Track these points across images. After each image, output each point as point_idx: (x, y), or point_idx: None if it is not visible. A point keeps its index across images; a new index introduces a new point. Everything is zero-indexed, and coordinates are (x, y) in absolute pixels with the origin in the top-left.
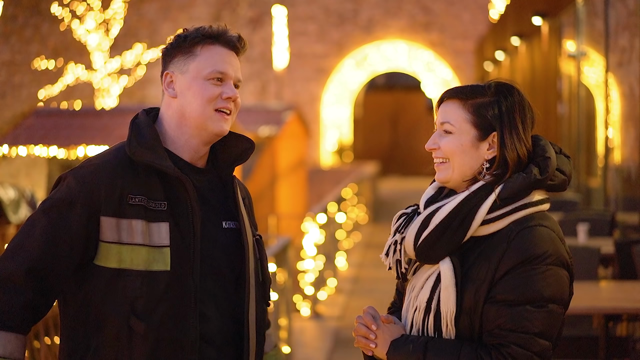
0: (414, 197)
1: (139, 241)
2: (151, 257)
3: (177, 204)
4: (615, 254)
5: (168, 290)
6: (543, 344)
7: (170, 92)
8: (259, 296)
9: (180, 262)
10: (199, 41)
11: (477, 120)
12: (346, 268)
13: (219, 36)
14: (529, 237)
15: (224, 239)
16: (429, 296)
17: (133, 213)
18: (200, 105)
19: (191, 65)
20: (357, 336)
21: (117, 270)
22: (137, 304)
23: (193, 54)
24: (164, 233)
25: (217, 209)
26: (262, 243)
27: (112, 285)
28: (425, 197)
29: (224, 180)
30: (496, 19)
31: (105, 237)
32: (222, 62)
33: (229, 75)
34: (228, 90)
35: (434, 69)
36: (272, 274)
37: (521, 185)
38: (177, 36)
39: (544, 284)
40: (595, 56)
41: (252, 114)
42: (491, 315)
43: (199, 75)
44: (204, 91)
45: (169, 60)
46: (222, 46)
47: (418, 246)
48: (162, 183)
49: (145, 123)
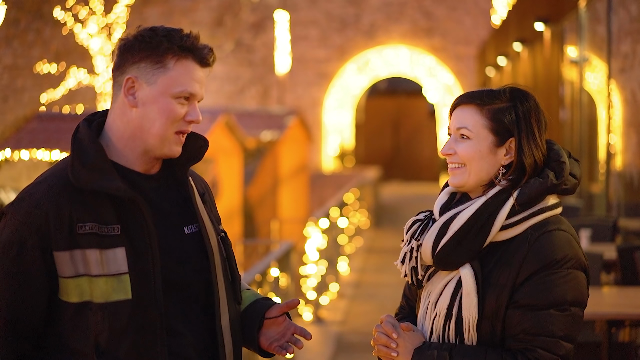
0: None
1: (95, 272)
2: (110, 287)
3: (132, 226)
4: (618, 260)
5: (131, 320)
6: (567, 347)
7: (130, 99)
8: (230, 297)
9: (141, 288)
10: (173, 52)
11: (494, 126)
12: (348, 273)
13: (194, 50)
14: (549, 241)
15: (187, 247)
16: (449, 302)
17: (85, 243)
18: (163, 124)
19: (160, 78)
20: (377, 345)
21: (79, 304)
22: (100, 339)
23: (164, 66)
24: (121, 259)
25: (176, 215)
26: (227, 240)
27: (76, 320)
28: (439, 203)
29: (180, 181)
30: (498, 24)
31: (62, 272)
32: (194, 81)
33: (196, 96)
34: (193, 113)
35: (436, 74)
36: (274, 278)
37: (538, 190)
38: (143, 35)
39: (566, 288)
40: (597, 62)
41: (254, 119)
42: (515, 320)
43: (167, 92)
44: (170, 111)
45: (131, 61)
46: (196, 62)
47: (437, 253)
48: (112, 205)
49: (88, 138)
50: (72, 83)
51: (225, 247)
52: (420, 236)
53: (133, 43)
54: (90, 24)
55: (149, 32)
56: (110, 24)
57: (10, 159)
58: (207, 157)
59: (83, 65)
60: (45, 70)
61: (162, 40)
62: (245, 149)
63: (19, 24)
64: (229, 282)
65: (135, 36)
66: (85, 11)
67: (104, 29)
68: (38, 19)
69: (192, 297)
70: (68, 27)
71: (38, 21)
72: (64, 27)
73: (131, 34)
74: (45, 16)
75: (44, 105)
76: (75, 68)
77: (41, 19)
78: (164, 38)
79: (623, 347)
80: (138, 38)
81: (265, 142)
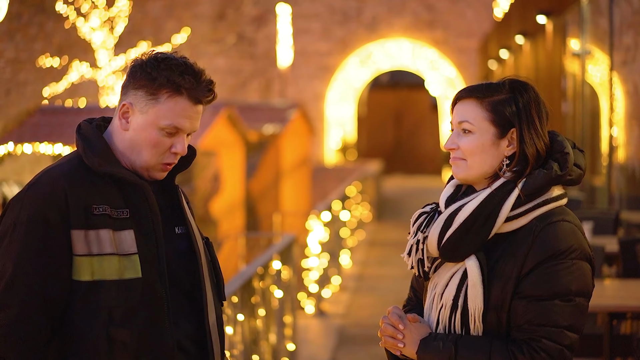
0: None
1: (108, 251)
2: (122, 266)
3: (138, 211)
4: (620, 253)
5: (143, 297)
6: (572, 337)
7: (123, 123)
8: (215, 298)
9: (149, 268)
10: (167, 88)
11: (495, 117)
12: (350, 266)
13: (190, 90)
14: (554, 232)
15: (179, 245)
16: (455, 294)
17: (100, 223)
18: (149, 153)
19: (151, 110)
20: (383, 336)
21: (91, 282)
22: (115, 314)
23: (156, 98)
24: (130, 240)
25: (169, 214)
26: (210, 244)
27: (87, 297)
28: (444, 195)
29: (167, 188)
30: (500, 17)
31: (76, 250)
32: (182, 117)
33: (184, 130)
34: (178, 146)
35: (438, 67)
36: (276, 271)
37: (543, 181)
38: (147, 64)
39: (570, 278)
40: (599, 55)
41: (256, 112)
42: (520, 311)
43: (155, 123)
44: (155, 141)
45: (132, 87)
46: (189, 100)
47: (443, 245)
48: (120, 191)
49: (93, 134)
50: (75, 76)
51: (210, 250)
52: (427, 228)
53: (137, 70)
54: (93, 18)
55: (153, 63)
56: (112, 18)
57: (13, 152)
58: (209, 151)
59: (85, 58)
60: (47, 63)
61: (162, 75)
62: (247, 142)
63: (22, 18)
64: (214, 283)
65: (142, 64)
66: (87, 5)
67: (106, 23)
68: (40, 12)
69: (185, 291)
70: (70, 21)
71: (40, 15)
72: (67, 20)
73: (142, 58)
74: (47, 10)
75: (46, 98)
76: (78, 62)
77: (43, 13)
78: (164, 73)
79: (624, 339)
80: (143, 66)
81: (267, 135)
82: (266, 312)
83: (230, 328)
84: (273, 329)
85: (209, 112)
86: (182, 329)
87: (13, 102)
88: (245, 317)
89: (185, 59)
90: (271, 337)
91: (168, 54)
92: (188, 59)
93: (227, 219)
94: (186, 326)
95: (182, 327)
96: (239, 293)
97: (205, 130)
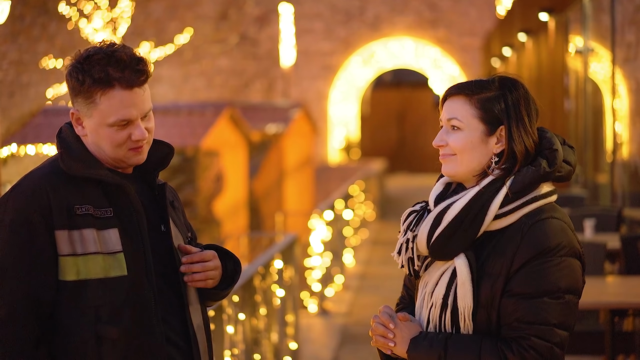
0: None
1: (93, 250)
2: (108, 264)
3: (122, 210)
4: (622, 250)
5: (129, 295)
6: (562, 334)
7: (80, 129)
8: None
9: (134, 266)
10: (97, 87)
11: (484, 115)
12: (353, 265)
13: (118, 79)
14: (542, 229)
15: (164, 242)
16: (444, 292)
17: (83, 223)
18: (112, 149)
19: (94, 112)
20: (374, 336)
21: (76, 282)
22: (102, 312)
23: (93, 100)
24: (115, 239)
25: (154, 213)
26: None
27: (74, 297)
28: (434, 193)
29: (150, 185)
30: (503, 15)
31: (61, 250)
32: (124, 108)
33: (133, 118)
34: (136, 132)
35: (441, 66)
36: (278, 270)
37: (531, 178)
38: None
39: (559, 276)
40: (602, 52)
41: (259, 112)
42: (509, 309)
43: (103, 123)
44: (111, 138)
45: (71, 95)
46: (122, 89)
47: (432, 244)
48: (103, 191)
49: (72, 137)
50: None
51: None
52: (416, 227)
53: (68, 78)
54: (96, 19)
55: (77, 66)
56: (115, 19)
57: (16, 154)
58: (212, 151)
59: None
60: (50, 65)
61: (88, 75)
62: (250, 142)
63: (24, 20)
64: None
65: (70, 71)
66: (90, 6)
67: (109, 24)
68: (43, 14)
69: (170, 287)
70: (73, 22)
71: (43, 16)
72: (69, 22)
73: (68, 64)
74: (50, 11)
75: (49, 100)
76: None
77: (46, 14)
78: (89, 72)
79: (626, 336)
80: (71, 73)
81: (270, 135)
82: (268, 311)
83: (232, 327)
84: (275, 327)
85: (212, 112)
86: (171, 325)
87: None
88: (246, 316)
89: (111, 45)
90: (273, 336)
91: (91, 49)
92: (114, 44)
93: (230, 219)
94: (174, 322)
95: (171, 322)
96: (239, 292)
97: (207, 131)
